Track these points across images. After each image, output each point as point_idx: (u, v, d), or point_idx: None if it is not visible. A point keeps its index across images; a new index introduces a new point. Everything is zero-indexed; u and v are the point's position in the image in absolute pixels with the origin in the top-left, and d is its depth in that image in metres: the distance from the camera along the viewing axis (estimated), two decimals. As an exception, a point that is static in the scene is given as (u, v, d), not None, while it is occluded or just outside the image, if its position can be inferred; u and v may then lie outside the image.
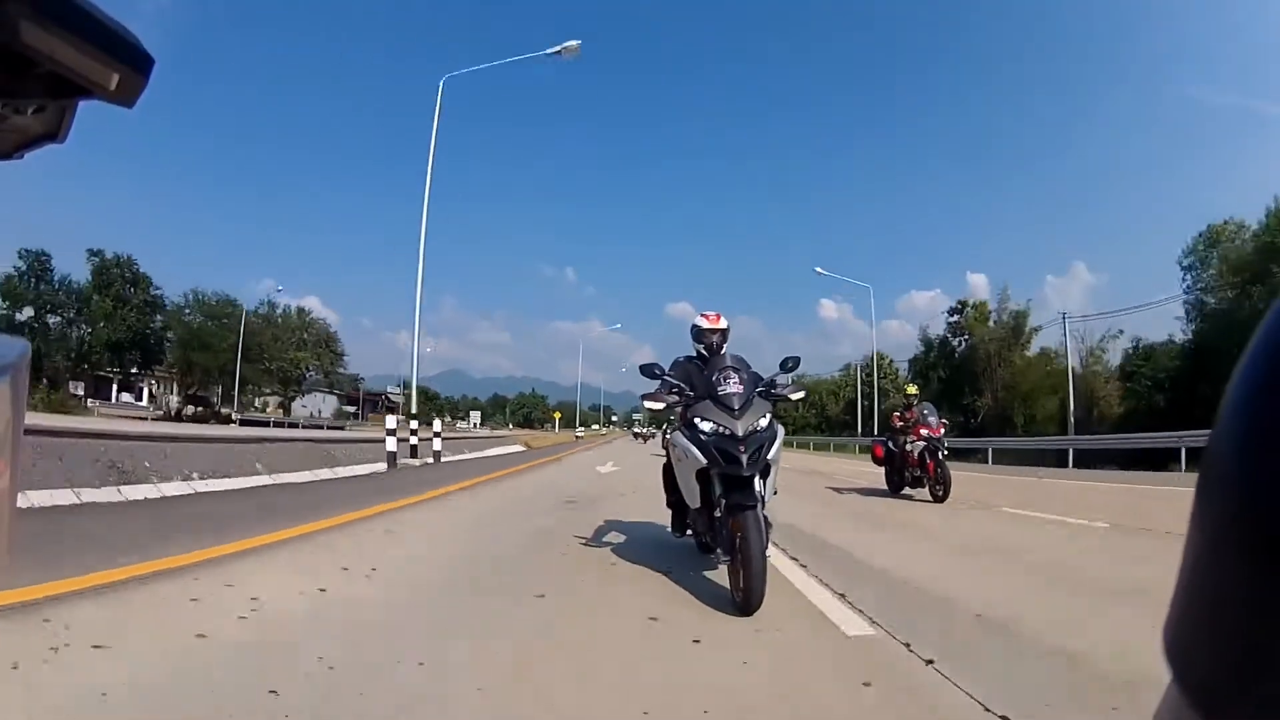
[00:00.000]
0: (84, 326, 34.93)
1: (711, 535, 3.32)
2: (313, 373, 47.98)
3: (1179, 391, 23.73)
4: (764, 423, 3.23)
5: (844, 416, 43.02)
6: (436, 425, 13.10)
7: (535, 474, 11.36)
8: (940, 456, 7.65)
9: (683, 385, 3.50)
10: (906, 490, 8.23)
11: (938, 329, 38.13)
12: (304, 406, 53.73)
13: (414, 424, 12.17)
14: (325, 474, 8.17)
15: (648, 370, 3.77)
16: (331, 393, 55.79)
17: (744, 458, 3.05)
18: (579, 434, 45.58)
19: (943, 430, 7.82)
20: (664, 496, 4.05)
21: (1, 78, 0.51)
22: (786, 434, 3.88)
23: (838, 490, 9.34)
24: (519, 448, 21.37)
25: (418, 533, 4.68)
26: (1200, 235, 27.43)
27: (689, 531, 3.84)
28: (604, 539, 4.64)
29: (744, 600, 2.84)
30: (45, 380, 32.62)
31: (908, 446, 7.95)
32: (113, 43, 0.52)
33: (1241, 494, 0.28)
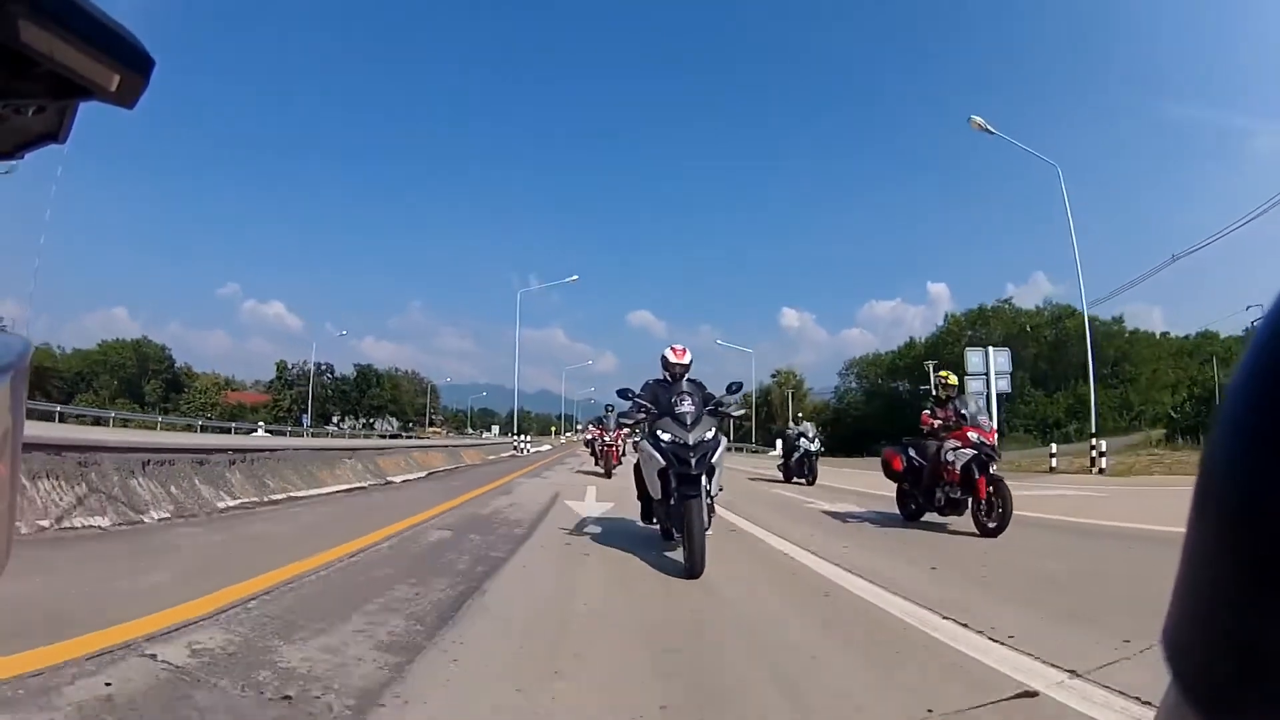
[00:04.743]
0: (354, 398, 68.26)
1: (670, 519, 4.39)
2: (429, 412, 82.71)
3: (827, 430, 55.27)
4: (710, 435, 4.22)
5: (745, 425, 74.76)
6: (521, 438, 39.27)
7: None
8: (992, 470, 5.38)
9: (649, 405, 4.52)
10: (932, 516, 5.87)
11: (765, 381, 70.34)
12: (381, 422, 71.29)
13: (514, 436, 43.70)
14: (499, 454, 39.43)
15: (622, 393, 4.81)
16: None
17: (693, 460, 4.06)
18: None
19: (995, 436, 5.65)
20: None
21: (1, 78, 0.52)
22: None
23: (841, 518, 6.85)
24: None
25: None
26: (850, 360, 60.03)
27: (654, 521, 4.87)
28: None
29: (689, 566, 3.73)
30: (333, 420, 64.43)
31: (948, 455, 5.52)
32: (113, 43, 0.53)
33: (1239, 497, 0.28)
